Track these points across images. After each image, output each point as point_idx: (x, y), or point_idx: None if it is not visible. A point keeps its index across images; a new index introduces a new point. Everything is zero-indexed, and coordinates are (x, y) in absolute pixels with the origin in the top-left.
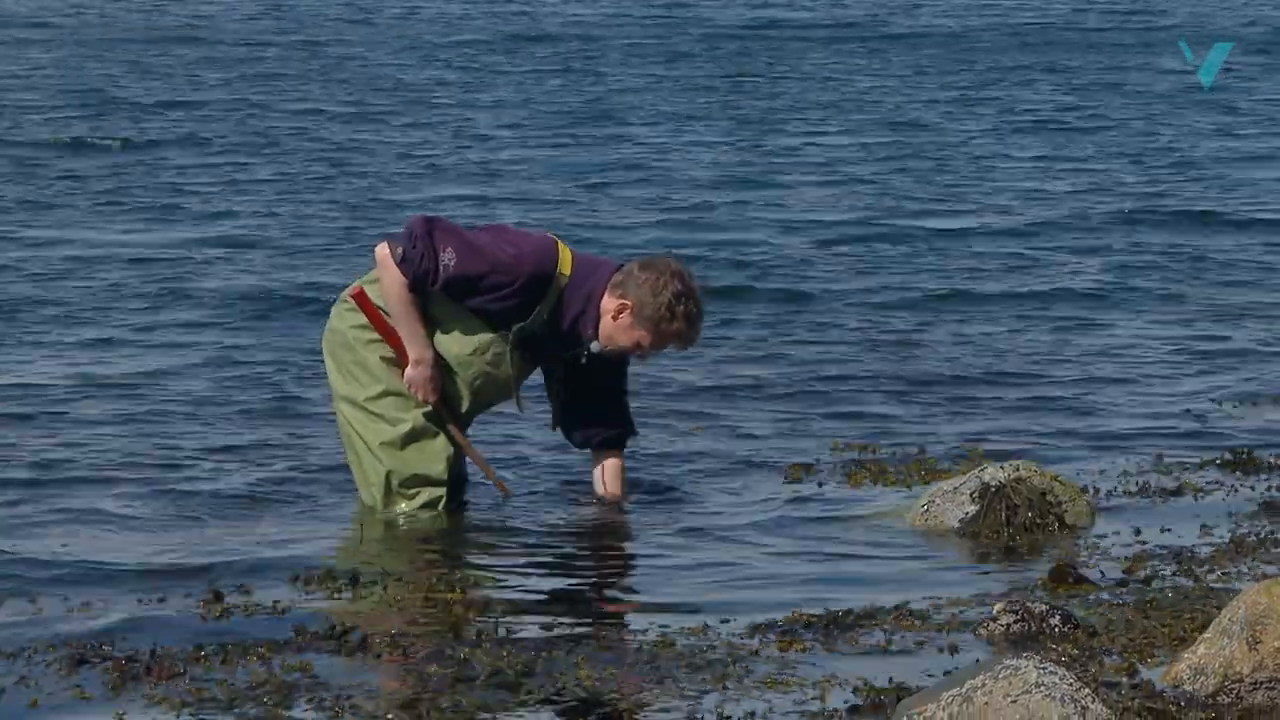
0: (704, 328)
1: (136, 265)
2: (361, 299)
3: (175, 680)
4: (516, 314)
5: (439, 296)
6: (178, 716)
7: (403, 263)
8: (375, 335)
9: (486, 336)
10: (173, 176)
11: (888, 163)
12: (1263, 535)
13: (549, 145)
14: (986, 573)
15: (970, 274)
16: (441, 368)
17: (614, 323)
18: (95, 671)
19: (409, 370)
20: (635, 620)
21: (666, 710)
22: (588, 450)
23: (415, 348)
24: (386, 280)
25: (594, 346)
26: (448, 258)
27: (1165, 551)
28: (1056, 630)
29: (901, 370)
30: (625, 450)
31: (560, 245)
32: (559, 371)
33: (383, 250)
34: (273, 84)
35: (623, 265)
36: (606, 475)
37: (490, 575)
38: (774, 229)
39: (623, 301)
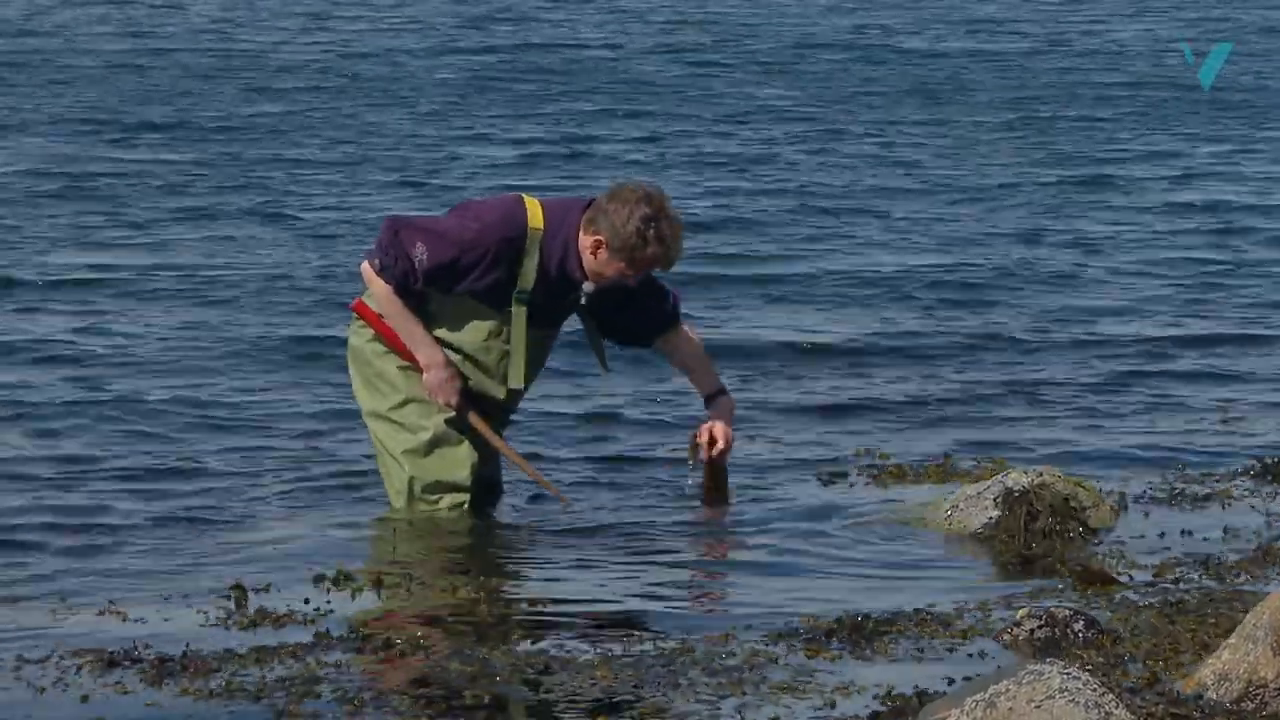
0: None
1: (155, 271)
2: (362, 309)
3: (210, 676)
4: (506, 285)
5: (435, 294)
6: (207, 706)
7: (382, 272)
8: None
9: (494, 319)
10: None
11: (906, 167)
12: None
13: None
14: (1010, 578)
15: (993, 281)
16: (465, 365)
17: (594, 259)
18: (129, 672)
19: (425, 376)
20: (655, 623)
21: (682, 713)
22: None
23: (424, 352)
24: (377, 293)
25: (587, 287)
26: (419, 253)
27: (1192, 556)
28: (1080, 636)
29: (925, 377)
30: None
31: (526, 200)
32: (583, 318)
33: (364, 266)
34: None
35: (593, 200)
36: (681, 353)
37: (512, 578)
38: (798, 236)
39: (596, 237)
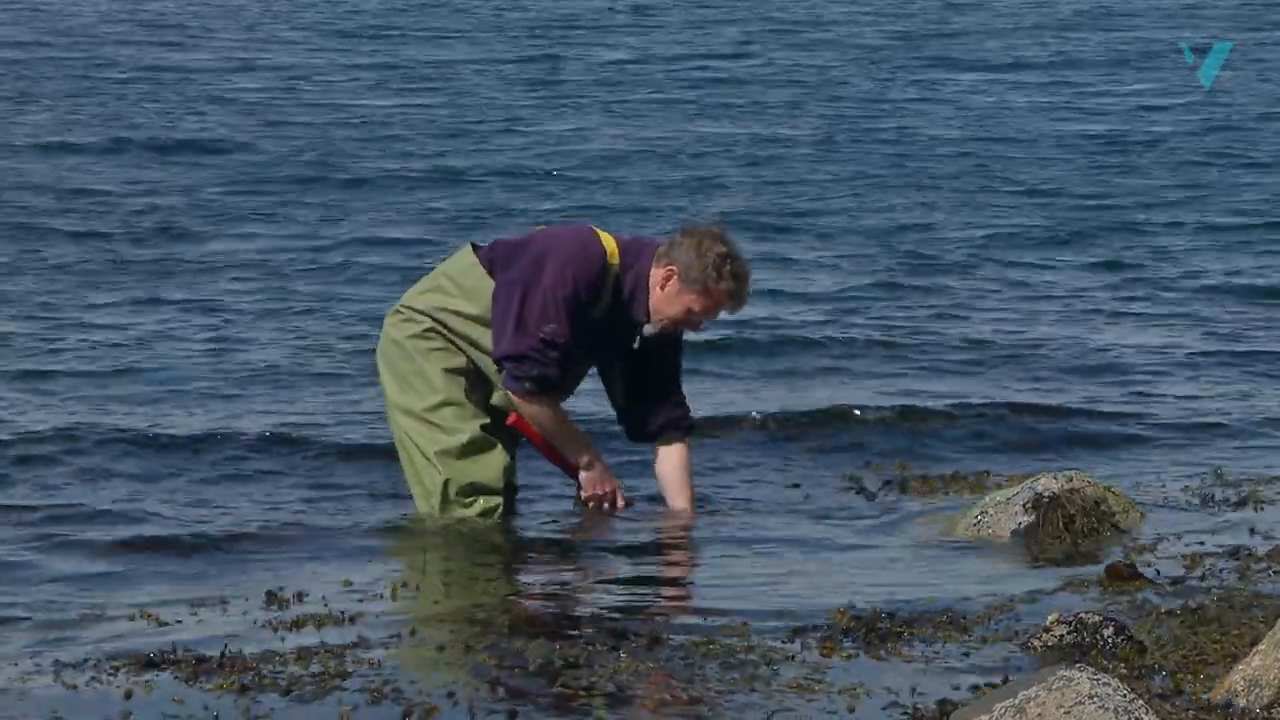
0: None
1: (192, 280)
2: (521, 424)
3: (245, 672)
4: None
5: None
6: (236, 700)
7: (533, 395)
8: (438, 345)
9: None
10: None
11: (937, 179)
12: None
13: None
14: (1039, 583)
15: (1023, 287)
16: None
17: (662, 293)
18: (165, 674)
19: (583, 475)
20: (680, 621)
21: (695, 703)
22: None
23: (584, 456)
24: (536, 416)
25: (647, 329)
26: (549, 332)
27: (1222, 556)
28: (1110, 641)
29: (951, 382)
30: (688, 440)
31: (600, 232)
32: (615, 371)
33: (514, 397)
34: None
35: (664, 242)
36: (671, 466)
37: (541, 577)
38: (821, 242)
39: (669, 269)
